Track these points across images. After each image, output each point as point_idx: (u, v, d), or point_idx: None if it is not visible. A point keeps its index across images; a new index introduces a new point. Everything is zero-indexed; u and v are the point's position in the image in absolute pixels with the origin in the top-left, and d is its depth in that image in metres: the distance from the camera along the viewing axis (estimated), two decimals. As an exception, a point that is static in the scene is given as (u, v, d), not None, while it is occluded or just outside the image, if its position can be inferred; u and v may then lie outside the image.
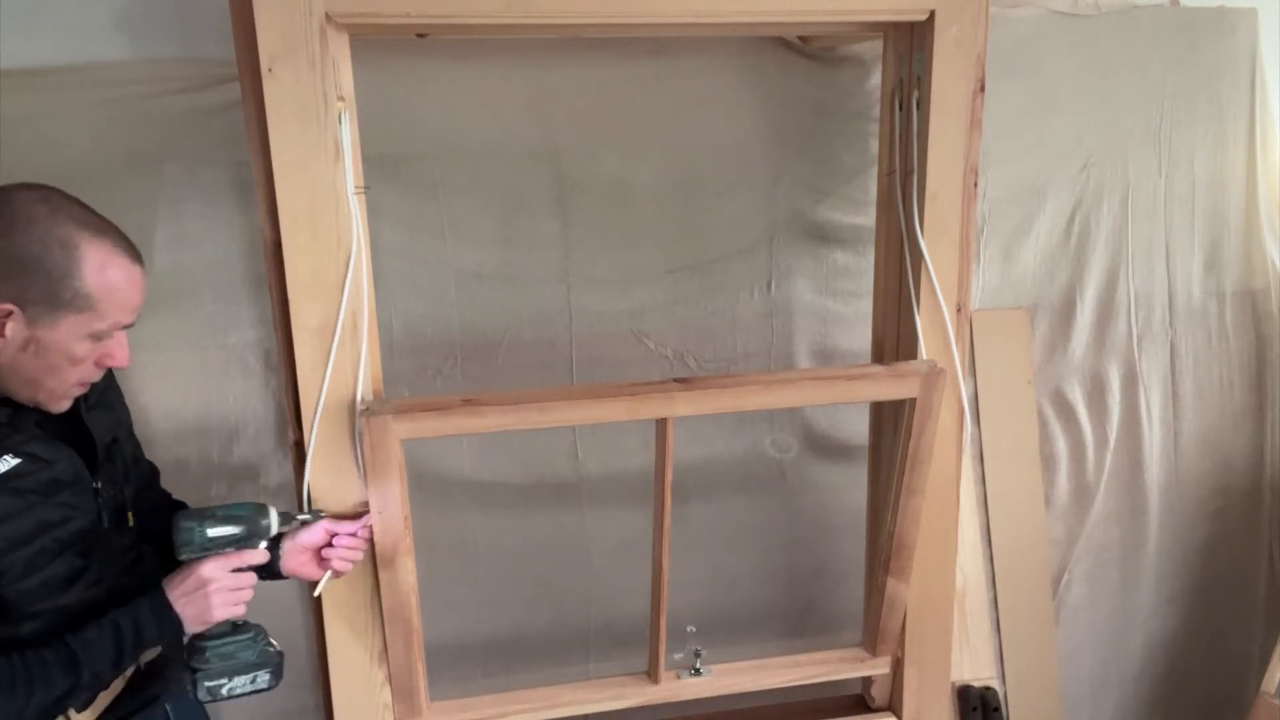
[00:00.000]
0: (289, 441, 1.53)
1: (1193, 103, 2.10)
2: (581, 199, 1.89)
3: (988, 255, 2.08)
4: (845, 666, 1.86)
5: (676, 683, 1.79)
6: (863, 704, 1.96)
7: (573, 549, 2.02)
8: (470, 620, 2.01)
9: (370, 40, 1.57)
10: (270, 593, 1.42)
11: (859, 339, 2.00)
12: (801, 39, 1.89)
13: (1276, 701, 1.95)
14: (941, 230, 1.63)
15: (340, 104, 1.41)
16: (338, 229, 1.43)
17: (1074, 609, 2.26)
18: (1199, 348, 2.22)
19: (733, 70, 1.89)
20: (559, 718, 1.76)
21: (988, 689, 2.04)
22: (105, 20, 1.68)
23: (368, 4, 1.38)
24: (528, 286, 1.90)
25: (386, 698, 1.63)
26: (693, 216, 1.94)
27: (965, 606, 2.04)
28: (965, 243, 1.65)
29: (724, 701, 1.85)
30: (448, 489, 1.93)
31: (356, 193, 1.44)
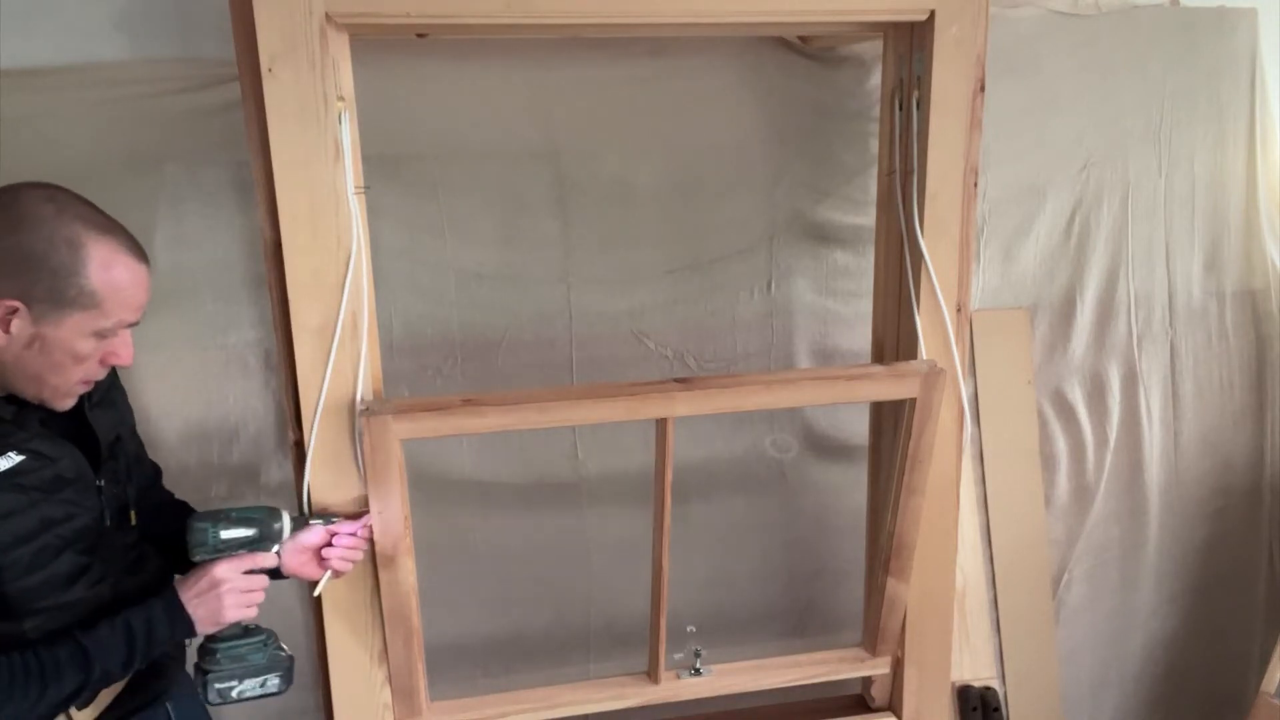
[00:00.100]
0: (289, 441, 1.53)
1: (1193, 103, 2.10)
2: (581, 199, 1.89)
3: (988, 255, 2.08)
4: (845, 666, 1.86)
5: (676, 683, 1.79)
6: (863, 704, 1.96)
7: (573, 549, 2.02)
8: (470, 620, 2.01)
9: (370, 40, 1.57)
10: (270, 592, 1.41)
11: (859, 339, 2.00)
12: (801, 39, 1.88)
13: (1276, 701, 1.95)
14: (941, 230, 1.63)
15: (340, 104, 1.41)
16: (338, 229, 1.43)
17: (1074, 609, 2.26)
18: (1199, 348, 2.22)
19: (733, 70, 1.89)
20: (559, 718, 1.76)
21: (988, 689, 2.04)
22: (105, 20, 1.68)
23: (368, 4, 1.38)
24: (528, 286, 1.90)
25: (386, 698, 1.63)
26: (693, 216, 1.94)
27: (965, 606, 2.04)
28: (965, 243, 1.65)
29: (724, 701, 1.85)
30: (448, 489, 1.93)
31: (356, 193, 1.45)
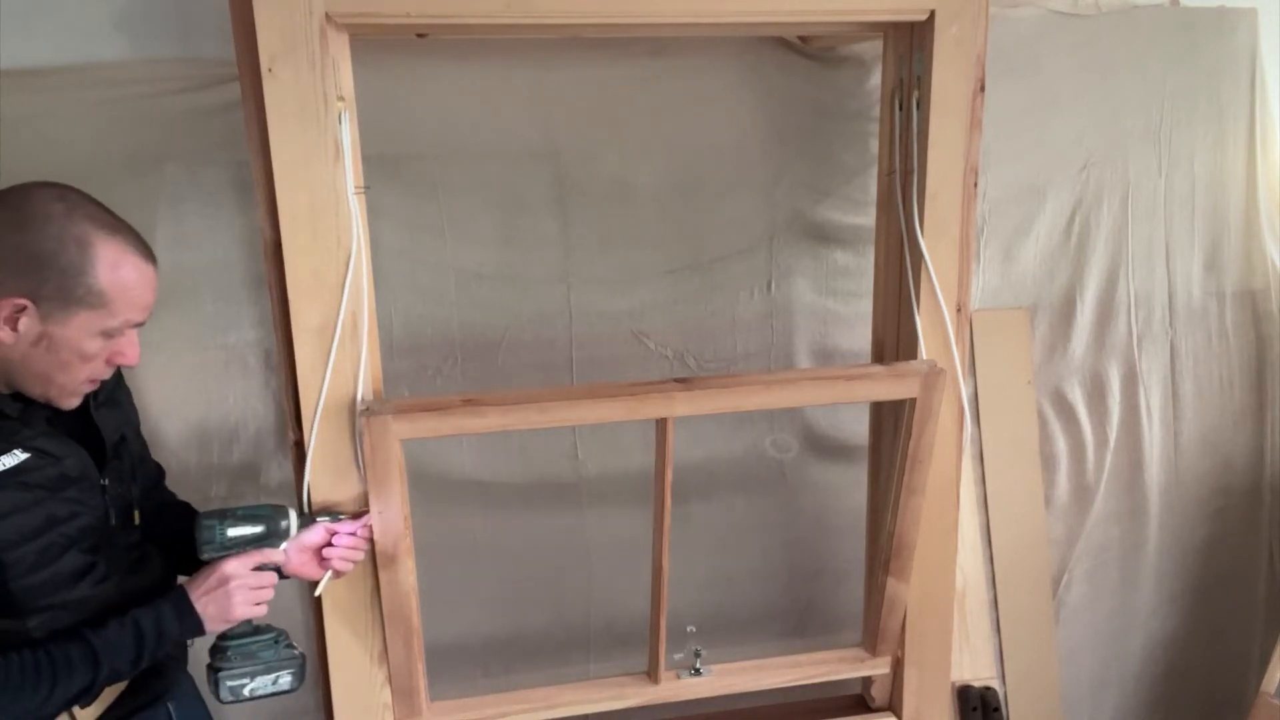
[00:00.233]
0: (289, 441, 1.53)
1: (1193, 103, 2.10)
2: (581, 199, 1.89)
3: (988, 255, 2.08)
4: (845, 666, 1.86)
5: (676, 683, 1.79)
6: (863, 704, 1.96)
7: (573, 549, 2.02)
8: (470, 620, 2.01)
9: (370, 40, 1.57)
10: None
11: (859, 339, 2.00)
12: (801, 39, 1.88)
13: (1276, 701, 1.95)
14: (941, 230, 1.63)
15: (340, 104, 1.41)
16: (338, 229, 1.43)
17: (1074, 609, 2.26)
18: (1199, 348, 2.22)
19: (733, 70, 1.89)
20: (559, 718, 1.76)
21: (988, 689, 2.04)
22: (105, 20, 1.68)
23: (368, 4, 1.38)
24: (528, 286, 1.90)
25: (386, 698, 1.63)
26: (693, 216, 1.93)
27: (965, 606, 2.04)
28: (965, 243, 1.65)
29: (724, 701, 1.85)
30: (448, 489, 1.93)
31: (356, 193, 1.45)
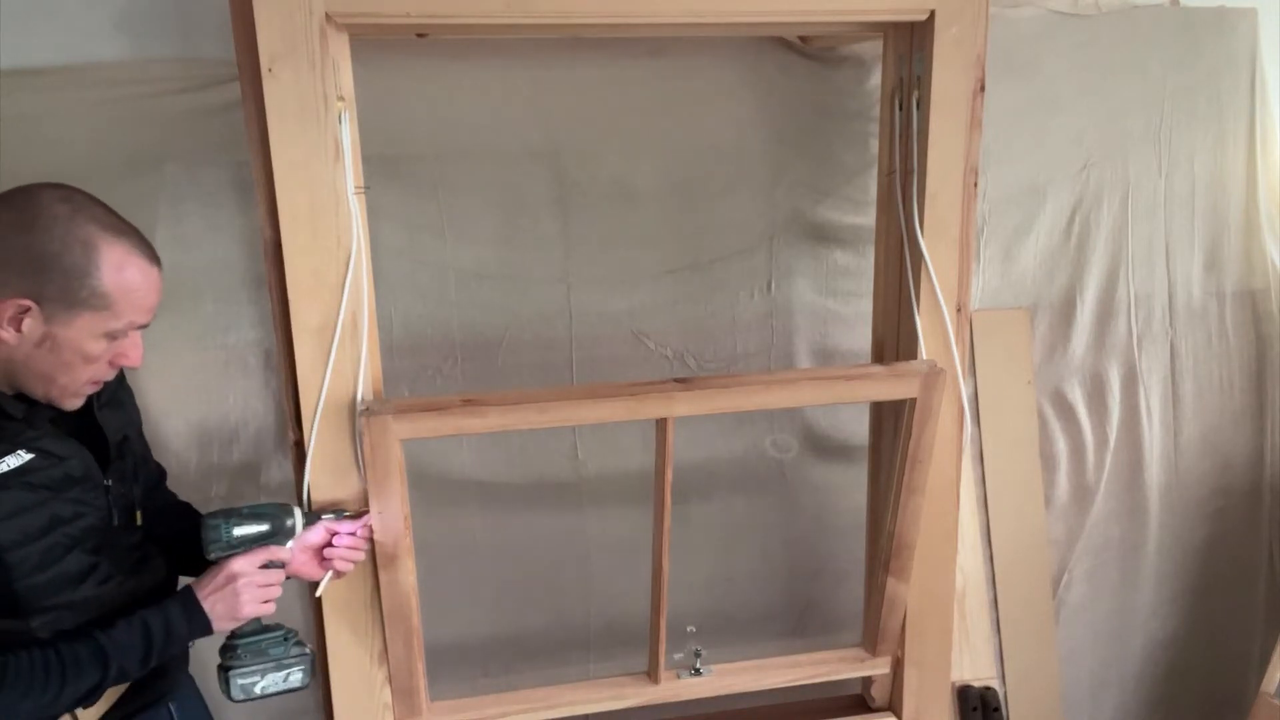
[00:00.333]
0: (289, 441, 1.53)
1: (1193, 103, 2.10)
2: (581, 199, 1.89)
3: (988, 255, 2.08)
4: (845, 666, 1.86)
5: (676, 683, 1.79)
6: (863, 704, 1.96)
7: (573, 549, 2.02)
8: (470, 620, 2.01)
9: (370, 40, 1.57)
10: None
11: (859, 339, 2.00)
12: (801, 39, 1.88)
13: (1276, 701, 1.95)
14: (941, 230, 1.63)
15: (340, 104, 1.41)
16: (338, 229, 1.43)
17: (1074, 609, 2.26)
18: (1199, 348, 2.22)
19: (733, 70, 1.88)
20: (559, 718, 1.76)
21: (988, 689, 2.04)
22: (105, 20, 1.68)
23: (368, 4, 1.38)
24: (528, 286, 1.90)
25: (386, 698, 1.63)
26: (693, 216, 1.93)
27: (965, 606, 2.04)
28: (965, 243, 1.65)
29: (724, 701, 1.85)
30: (448, 489, 1.93)
31: (356, 193, 1.45)
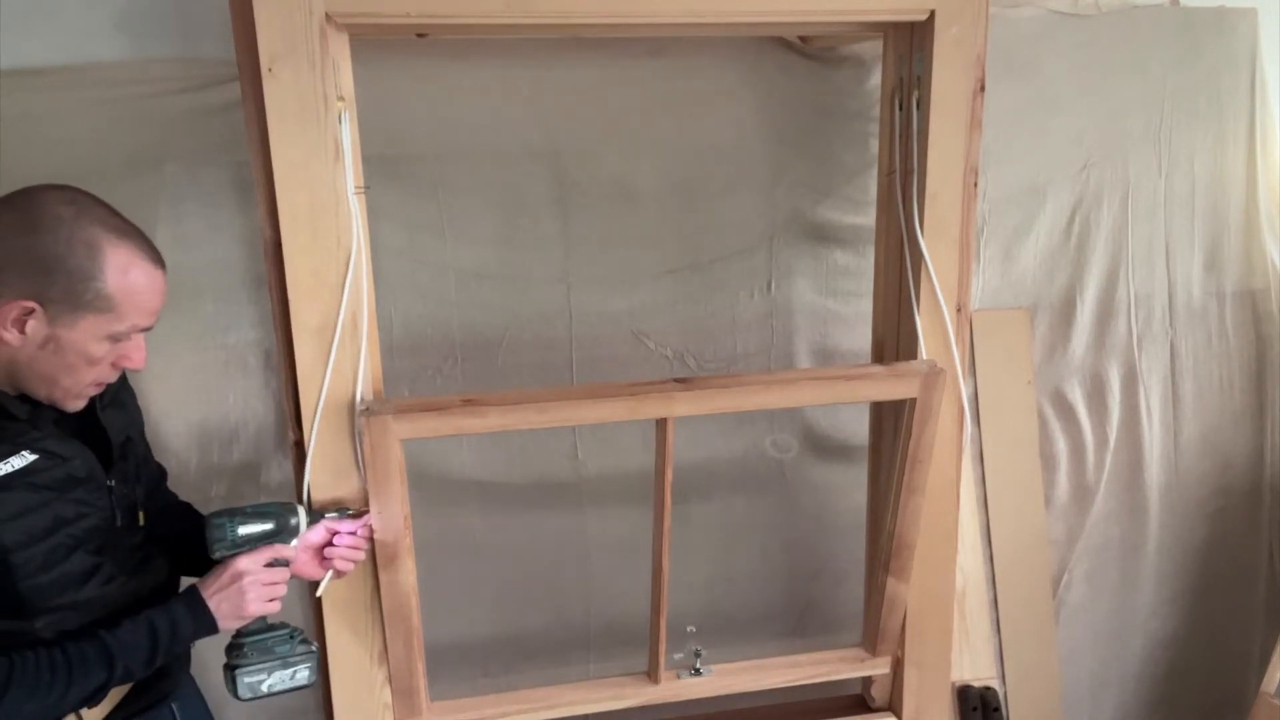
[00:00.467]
0: (289, 441, 1.53)
1: (1193, 103, 2.10)
2: (581, 199, 1.89)
3: (988, 255, 2.08)
4: (845, 666, 1.86)
5: (676, 683, 1.79)
6: (863, 704, 1.96)
7: (573, 549, 2.02)
8: (470, 620, 2.01)
9: (370, 40, 1.57)
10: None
11: (859, 339, 2.00)
12: (801, 39, 1.88)
13: (1276, 701, 1.95)
14: (941, 230, 1.63)
15: (340, 104, 1.41)
16: (338, 229, 1.43)
17: (1074, 609, 2.26)
18: (1199, 348, 2.22)
19: (733, 70, 1.88)
20: (559, 718, 1.76)
21: (988, 689, 2.04)
22: (105, 20, 1.68)
23: (368, 4, 1.38)
24: (528, 286, 1.90)
25: (386, 698, 1.63)
26: (693, 216, 1.93)
27: (965, 606, 2.04)
28: (965, 243, 1.65)
29: (724, 701, 1.85)
30: (448, 489, 1.93)
31: (356, 193, 1.45)
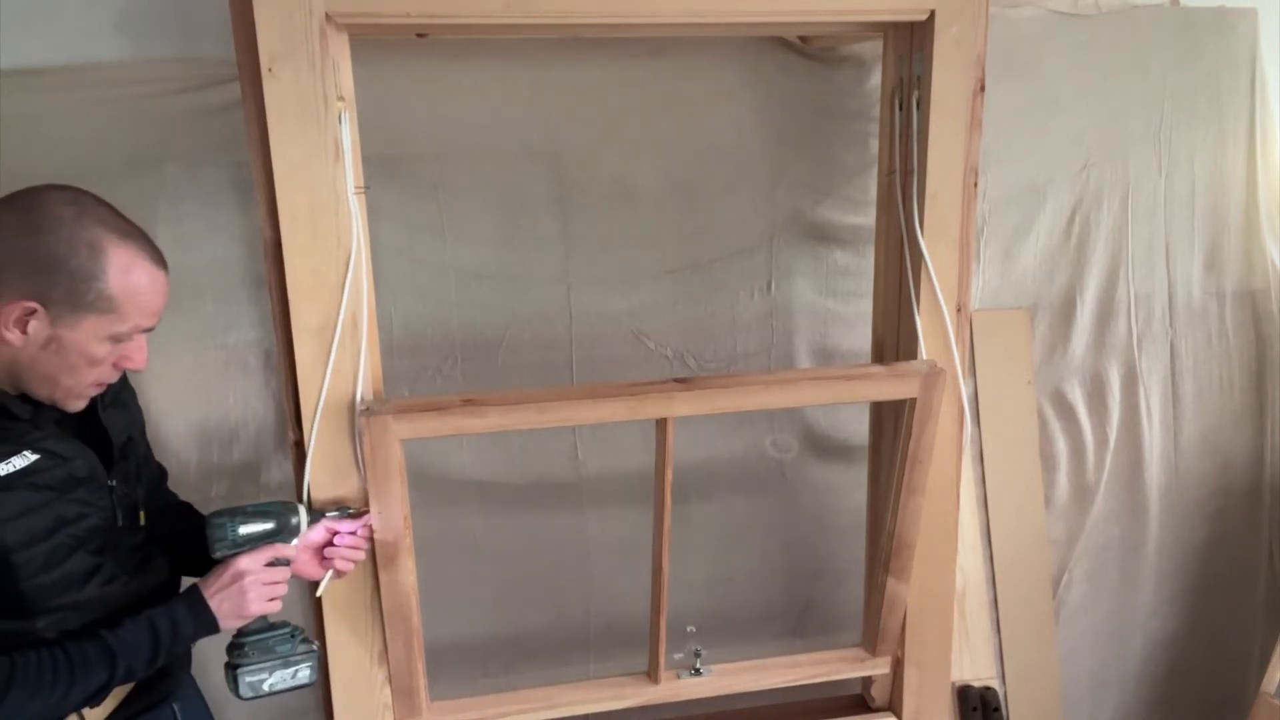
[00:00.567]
0: (289, 441, 1.53)
1: (1193, 103, 2.10)
2: (581, 199, 1.89)
3: (988, 255, 2.08)
4: (845, 666, 1.86)
5: (676, 683, 1.79)
6: (863, 704, 1.96)
7: (573, 549, 2.02)
8: (470, 620, 2.01)
9: (370, 40, 1.57)
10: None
11: (859, 339, 2.00)
12: (801, 39, 1.88)
13: (1276, 701, 1.95)
14: (941, 230, 1.63)
15: (340, 104, 1.41)
16: (338, 229, 1.43)
17: (1074, 609, 2.26)
18: (1199, 348, 2.22)
19: (733, 70, 1.88)
20: (559, 718, 1.76)
21: (988, 689, 2.04)
22: (105, 20, 1.68)
23: (368, 4, 1.38)
24: (528, 286, 1.90)
25: (386, 698, 1.63)
26: (693, 216, 1.93)
27: (965, 606, 2.04)
28: (965, 243, 1.65)
29: (724, 701, 1.85)
30: (448, 489, 1.93)
31: (356, 193, 1.45)
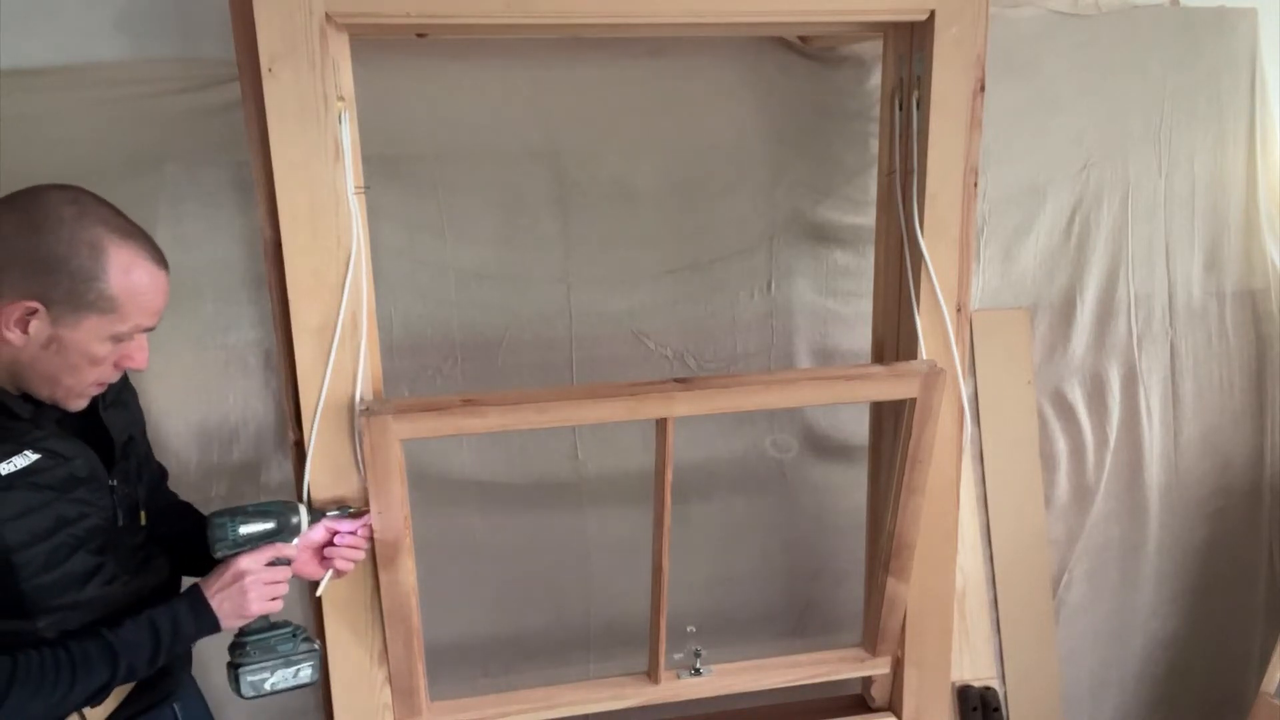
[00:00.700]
0: (289, 441, 1.53)
1: (1193, 103, 2.10)
2: (581, 199, 1.89)
3: (988, 255, 2.08)
4: (845, 666, 1.86)
5: (676, 683, 1.79)
6: (863, 704, 1.96)
7: (573, 549, 2.02)
8: (470, 620, 2.01)
9: (370, 40, 1.57)
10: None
11: (859, 339, 2.00)
12: (801, 39, 1.88)
13: (1276, 701, 1.95)
14: (941, 230, 1.63)
15: (340, 104, 1.41)
16: (338, 229, 1.43)
17: (1074, 609, 2.26)
18: (1199, 348, 2.22)
19: (733, 70, 1.88)
20: (559, 718, 1.76)
21: (988, 689, 2.04)
22: (105, 20, 1.68)
23: (368, 4, 1.38)
24: (528, 286, 1.90)
25: (386, 698, 1.63)
26: (693, 216, 1.93)
27: (965, 606, 2.04)
28: (965, 243, 1.65)
29: (724, 701, 1.85)
30: (448, 489, 1.93)
31: (356, 193, 1.45)
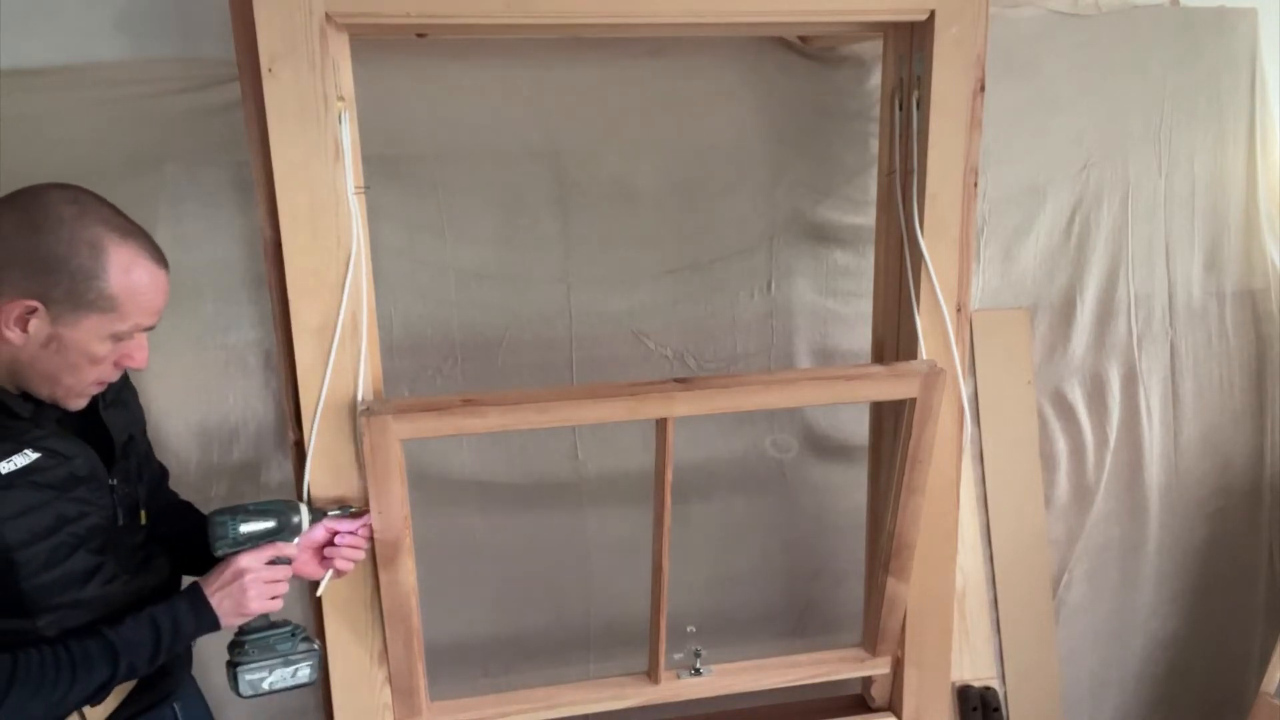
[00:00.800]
0: (289, 441, 1.53)
1: (1193, 103, 2.10)
2: (581, 199, 1.89)
3: (988, 255, 2.08)
4: (845, 666, 1.86)
5: (676, 683, 1.79)
6: (863, 704, 1.96)
7: (573, 549, 2.02)
8: (470, 620, 2.01)
9: (370, 40, 1.57)
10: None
11: (859, 339, 2.00)
12: (801, 39, 1.88)
13: (1276, 701, 1.95)
14: (941, 230, 1.63)
15: (340, 104, 1.41)
16: (338, 229, 1.43)
17: (1074, 609, 2.26)
18: (1199, 348, 2.22)
19: (733, 70, 1.88)
20: (559, 718, 1.76)
21: (988, 689, 2.04)
22: (105, 20, 1.68)
23: (368, 4, 1.38)
24: (528, 286, 1.90)
25: (386, 698, 1.63)
26: (693, 216, 1.93)
27: (965, 606, 2.04)
28: (965, 243, 1.65)
29: (724, 701, 1.85)
30: (448, 489, 1.93)
31: (356, 193, 1.45)
